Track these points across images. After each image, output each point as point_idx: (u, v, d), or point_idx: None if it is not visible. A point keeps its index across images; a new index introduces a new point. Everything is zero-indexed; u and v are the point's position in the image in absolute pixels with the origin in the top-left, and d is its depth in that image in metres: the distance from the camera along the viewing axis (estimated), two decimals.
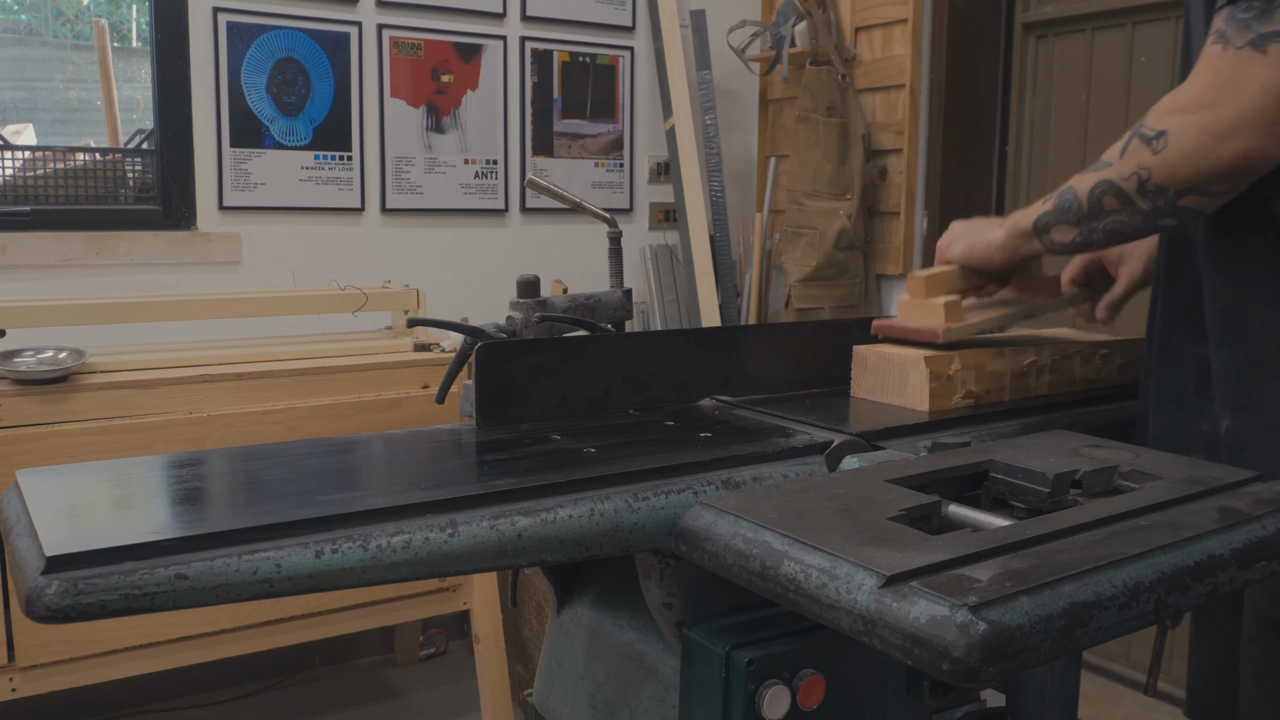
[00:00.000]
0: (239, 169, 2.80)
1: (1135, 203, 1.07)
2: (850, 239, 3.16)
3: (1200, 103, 1.00)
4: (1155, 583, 0.74)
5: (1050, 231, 1.19)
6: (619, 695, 1.06)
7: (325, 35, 2.88)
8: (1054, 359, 1.36)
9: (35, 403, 2.01)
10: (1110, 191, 1.10)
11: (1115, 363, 1.43)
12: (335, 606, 2.29)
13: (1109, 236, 1.13)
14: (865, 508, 0.83)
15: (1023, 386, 1.33)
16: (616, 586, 1.13)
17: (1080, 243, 1.17)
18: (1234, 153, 0.98)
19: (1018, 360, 1.32)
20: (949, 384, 1.24)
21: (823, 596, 0.72)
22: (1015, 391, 1.32)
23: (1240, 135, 0.97)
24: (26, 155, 2.66)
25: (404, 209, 3.04)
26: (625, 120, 3.37)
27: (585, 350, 1.20)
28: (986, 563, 0.73)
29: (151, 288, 2.68)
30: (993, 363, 1.29)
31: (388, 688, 2.91)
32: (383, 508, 0.82)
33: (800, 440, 1.08)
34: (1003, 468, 0.93)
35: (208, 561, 0.74)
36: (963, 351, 1.26)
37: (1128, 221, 1.09)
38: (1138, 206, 1.07)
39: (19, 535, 0.77)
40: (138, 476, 0.95)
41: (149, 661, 2.14)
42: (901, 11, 3.08)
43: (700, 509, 0.85)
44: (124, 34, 3.33)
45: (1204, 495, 0.88)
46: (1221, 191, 1.02)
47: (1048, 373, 1.35)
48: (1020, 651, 0.66)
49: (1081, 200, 1.13)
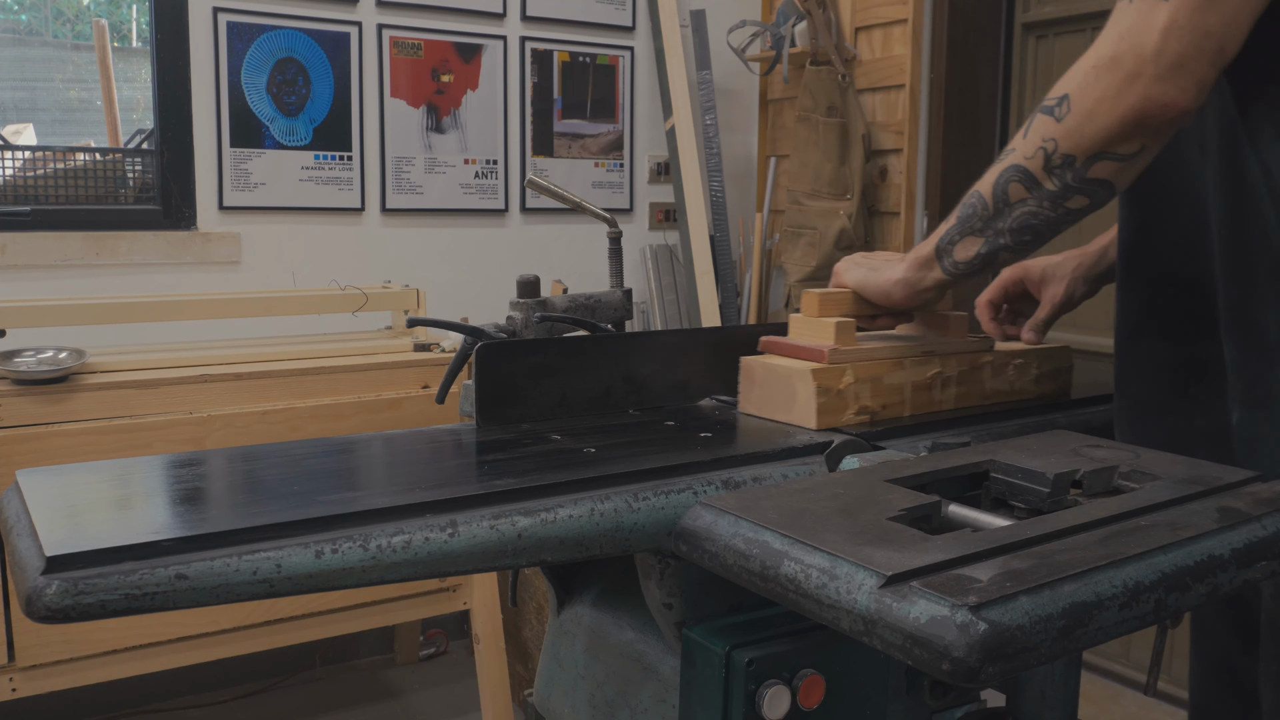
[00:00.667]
0: (239, 169, 2.80)
1: (1042, 184, 0.98)
2: (850, 239, 3.16)
3: (1102, 58, 0.93)
4: (1155, 583, 0.74)
5: (953, 250, 1.08)
6: (619, 695, 1.06)
7: (325, 35, 2.88)
8: (961, 370, 1.26)
9: (35, 403, 2.01)
10: (1016, 177, 1.00)
11: (1031, 374, 1.33)
12: (335, 606, 2.29)
13: (1017, 238, 1.03)
14: (865, 508, 0.83)
15: (926, 400, 1.23)
16: (616, 586, 1.13)
17: (986, 254, 1.06)
18: (1137, 100, 0.91)
19: (920, 372, 1.22)
20: (839, 399, 1.15)
21: (823, 596, 0.72)
22: (917, 406, 1.22)
23: (1140, 80, 0.90)
24: (26, 155, 2.66)
25: (404, 209, 3.04)
26: (625, 120, 3.37)
27: (585, 350, 1.20)
28: (986, 563, 0.73)
29: (151, 288, 2.68)
30: (891, 375, 1.19)
31: (388, 688, 2.91)
32: (383, 508, 0.82)
33: (800, 440, 1.08)
34: (1003, 468, 0.93)
35: (208, 561, 0.74)
36: (857, 364, 1.17)
37: (1035, 210, 1.00)
38: (1045, 188, 0.98)
39: (19, 535, 0.77)
40: (138, 476, 0.95)
41: (149, 661, 2.14)
42: (901, 11, 3.08)
43: (700, 509, 0.85)
44: (124, 34, 3.33)
45: (1204, 495, 0.88)
46: (1131, 153, 0.94)
47: (954, 385, 1.25)
48: (1020, 651, 0.66)
49: (986, 199, 1.04)
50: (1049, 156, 0.97)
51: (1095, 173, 0.96)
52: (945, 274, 1.10)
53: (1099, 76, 0.93)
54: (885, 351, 1.19)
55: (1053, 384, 1.36)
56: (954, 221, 1.07)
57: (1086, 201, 0.99)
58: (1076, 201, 0.98)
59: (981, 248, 1.06)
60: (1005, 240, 1.04)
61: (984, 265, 1.08)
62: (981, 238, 1.05)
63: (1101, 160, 0.95)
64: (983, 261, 1.07)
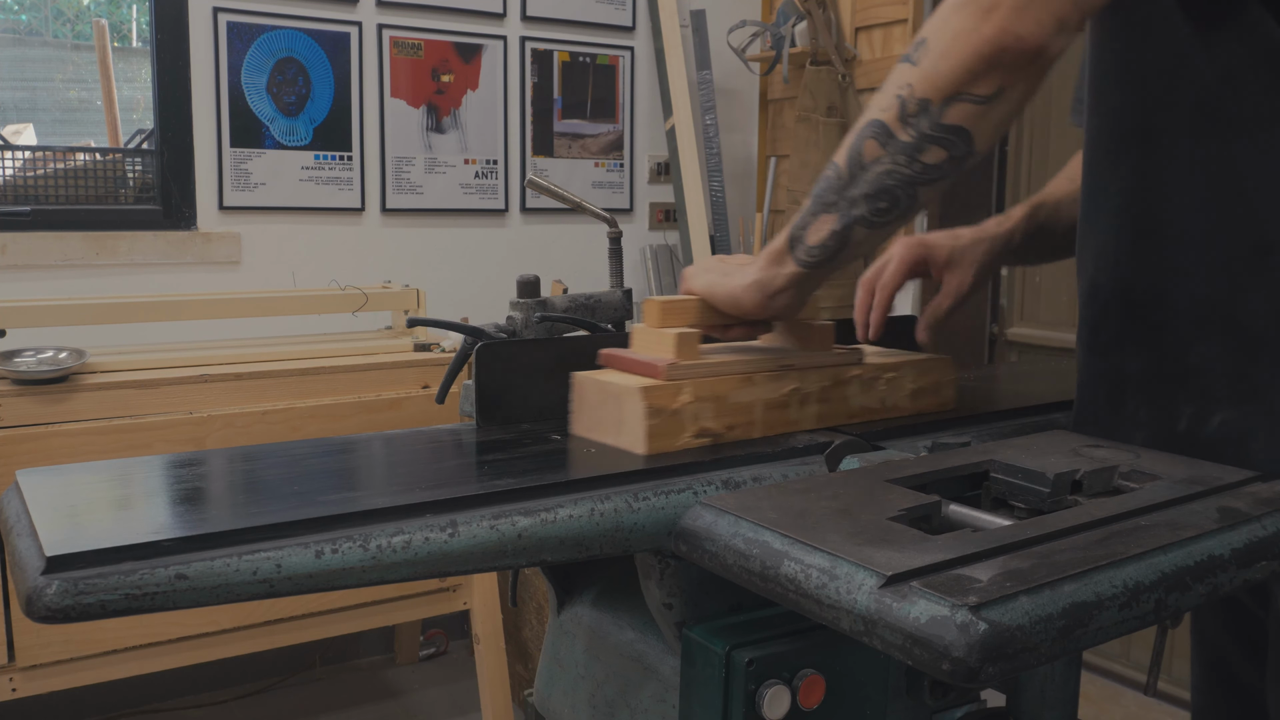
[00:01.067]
0: (239, 169, 2.80)
1: (897, 135, 0.89)
2: None
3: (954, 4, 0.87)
4: (1155, 583, 0.74)
5: (806, 236, 0.96)
6: (619, 695, 1.06)
7: (325, 35, 2.88)
8: (823, 385, 1.12)
9: (35, 403, 2.01)
10: (871, 133, 0.90)
11: (906, 388, 1.19)
12: (335, 606, 2.29)
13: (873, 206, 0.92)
14: (865, 508, 0.83)
15: (781, 420, 1.09)
16: (616, 586, 1.13)
17: (840, 231, 0.93)
18: (992, 32, 0.84)
19: (774, 389, 1.08)
20: (674, 420, 1.02)
21: (823, 596, 0.72)
22: (771, 426, 1.09)
23: (997, 12, 0.84)
24: (26, 155, 2.66)
25: (404, 209, 3.04)
26: (625, 120, 3.37)
27: (585, 350, 1.20)
28: (986, 563, 0.73)
29: (151, 288, 2.68)
30: (738, 392, 1.06)
31: (388, 688, 2.91)
32: (383, 508, 0.82)
33: (800, 440, 1.08)
34: (1003, 468, 0.93)
35: (208, 561, 0.74)
36: (698, 381, 1.03)
37: (891, 168, 0.90)
38: (900, 140, 0.89)
39: (19, 535, 0.77)
40: (138, 476, 0.95)
41: (149, 661, 2.14)
42: (901, 11, 3.09)
43: (700, 509, 0.85)
44: (124, 34, 3.33)
45: (1204, 495, 0.88)
46: (988, 95, 0.86)
47: (815, 402, 1.12)
48: (1020, 651, 0.66)
49: (841, 166, 0.92)
50: (904, 104, 0.88)
51: (951, 117, 0.88)
52: (799, 266, 0.98)
53: (956, 12, 0.86)
54: (733, 366, 1.06)
55: (932, 399, 1.22)
56: (808, 202, 0.96)
57: (944, 155, 0.89)
58: (933, 154, 0.89)
59: (835, 224, 0.94)
60: (860, 211, 0.92)
61: (840, 247, 0.95)
62: (835, 213, 0.93)
63: (958, 102, 0.87)
64: (838, 242, 0.94)
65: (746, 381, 1.07)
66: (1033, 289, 3.21)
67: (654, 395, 1.01)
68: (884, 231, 0.94)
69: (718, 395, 1.05)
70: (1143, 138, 1.02)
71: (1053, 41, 0.85)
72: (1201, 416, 1.01)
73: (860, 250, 0.97)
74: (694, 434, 1.03)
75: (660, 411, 1.01)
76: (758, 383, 1.08)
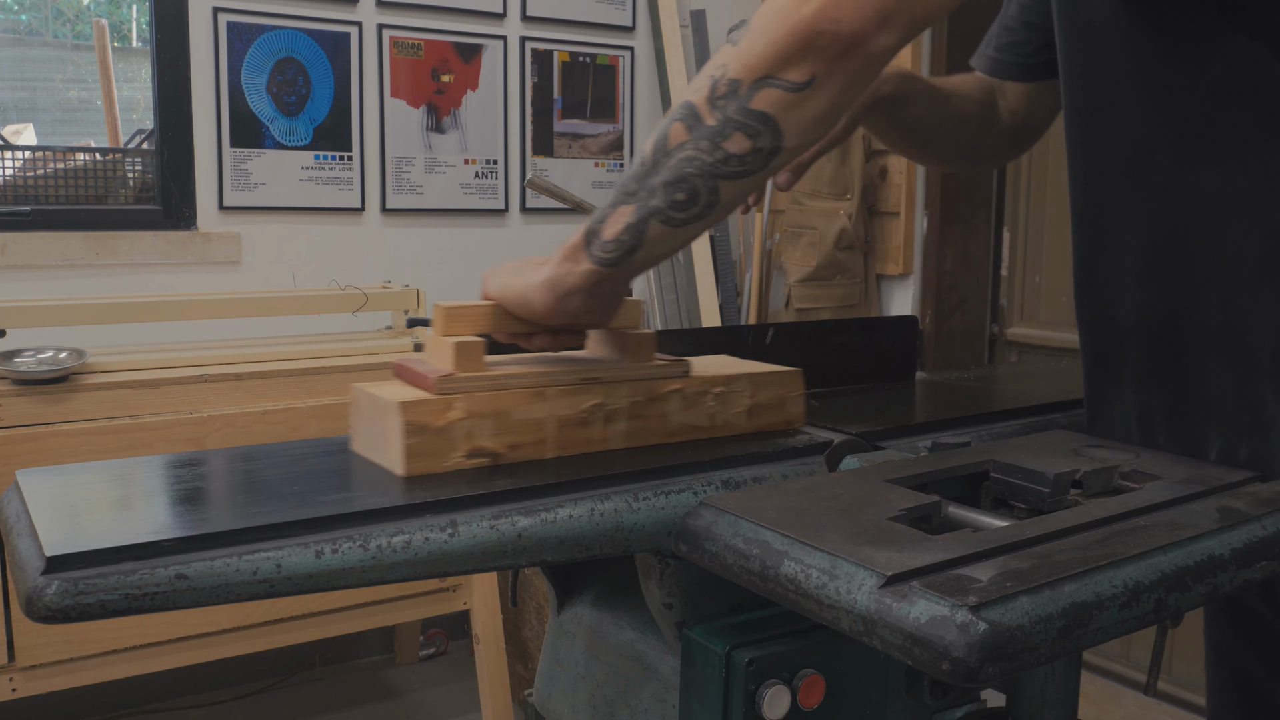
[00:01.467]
0: (239, 169, 2.80)
1: (703, 118, 0.82)
2: (850, 239, 3.16)
3: None
4: (1155, 583, 0.74)
5: (602, 229, 0.88)
6: (619, 695, 1.06)
7: (325, 35, 2.88)
8: (634, 401, 1.01)
9: (35, 403, 2.01)
10: (679, 115, 0.84)
11: (741, 404, 1.08)
12: (335, 606, 2.29)
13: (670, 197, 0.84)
14: (865, 508, 0.83)
15: (581, 439, 0.98)
16: (616, 586, 1.13)
17: (635, 224, 0.86)
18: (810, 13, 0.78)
19: (571, 404, 0.97)
20: (442, 438, 0.91)
21: (823, 596, 0.72)
22: (567, 445, 0.97)
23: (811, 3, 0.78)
24: (26, 155, 2.66)
25: (404, 209, 3.04)
26: (625, 120, 3.37)
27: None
28: (986, 563, 0.73)
29: (151, 288, 2.68)
30: (525, 408, 0.95)
31: (388, 688, 2.91)
32: (383, 508, 0.82)
33: (800, 440, 1.08)
34: (1003, 468, 0.93)
35: (208, 561, 0.74)
36: (475, 395, 0.93)
37: (693, 154, 0.82)
38: (705, 124, 0.82)
39: (19, 535, 0.77)
40: (138, 476, 0.95)
41: (149, 661, 2.14)
42: None
43: (700, 509, 0.85)
44: (124, 34, 3.33)
45: (1204, 495, 0.88)
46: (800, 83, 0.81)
47: (624, 419, 1.00)
48: (1020, 651, 0.66)
49: (647, 153, 0.85)
50: (715, 85, 0.82)
51: (759, 102, 0.81)
52: (594, 264, 0.89)
53: None
54: (521, 379, 0.96)
55: (776, 416, 1.10)
56: (613, 191, 0.88)
57: (749, 144, 0.82)
58: (736, 142, 0.82)
59: (631, 216, 0.86)
60: (657, 201, 0.85)
61: (635, 244, 0.87)
62: (634, 204, 0.86)
63: (767, 86, 0.80)
64: (632, 236, 0.86)
65: (536, 396, 0.96)
66: (1032, 289, 3.21)
67: (415, 411, 0.90)
68: (683, 231, 0.87)
69: (499, 411, 0.94)
70: (1177, 155, 0.98)
71: (874, 34, 0.80)
72: (1229, 449, 0.99)
73: (657, 250, 0.88)
74: (466, 454, 0.93)
75: (422, 429, 0.90)
76: (551, 398, 0.96)
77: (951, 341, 3.23)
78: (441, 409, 0.91)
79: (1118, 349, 1.07)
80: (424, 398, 0.92)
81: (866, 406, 1.29)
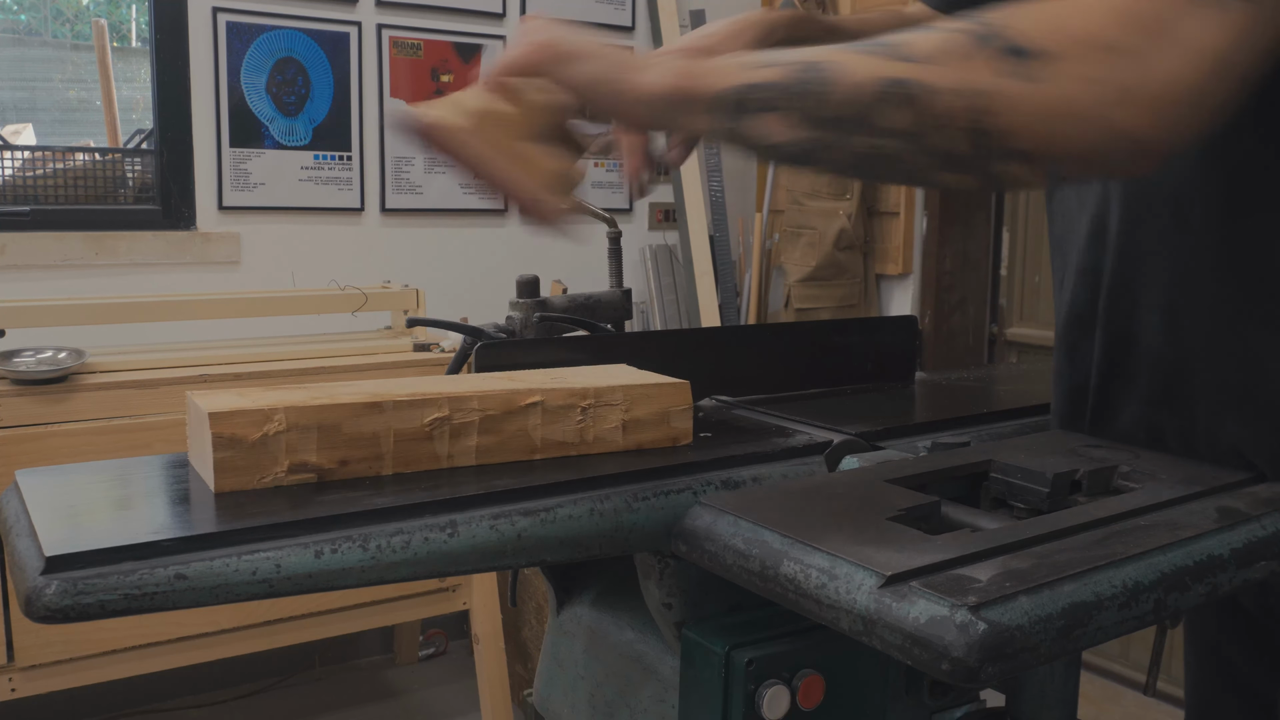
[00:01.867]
0: (238, 169, 2.80)
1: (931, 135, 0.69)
2: (850, 239, 3.16)
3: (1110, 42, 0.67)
4: (1155, 583, 0.74)
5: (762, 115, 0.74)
6: (619, 695, 1.06)
7: (325, 35, 2.88)
8: (487, 415, 0.93)
9: (35, 403, 2.01)
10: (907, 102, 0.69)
11: (615, 420, 0.99)
12: (335, 606, 2.29)
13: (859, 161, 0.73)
14: (865, 508, 0.83)
15: (425, 455, 0.91)
16: (616, 586, 1.13)
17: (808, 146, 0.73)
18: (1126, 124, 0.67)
19: (412, 418, 0.90)
20: (259, 452, 0.84)
21: (822, 596, 0.72)
22: (407, 461, 0.90)
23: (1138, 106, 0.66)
24: (26, 155, 2.66)
25: (404, 209, 3.04)
26: None
27: (585, 350, 1.20)
28: (986, 563, 0.73)
29: (151, 288, 2.68)
30: (355, 422, 0.87)
31: (388, 688, 2.91)
32: (383, 508, 0.82)
33: (800, 440, 1.08)
34: (1002, 468, 0.93)
35: (207, 561, 0.74)
36: (299, 408, 0.86)
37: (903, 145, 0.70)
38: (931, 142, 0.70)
39: (19, 535, 0.77)
40: (138, 476, 0.95)
41: (149, 661, 2.14)
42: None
43: (700, 509, 0.85)
44: (124, 34, 3.33)
45: (1203, 495, 0.88)
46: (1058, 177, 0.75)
47: (474, 434, 0.93)
48: (1020, 651, 0.66)
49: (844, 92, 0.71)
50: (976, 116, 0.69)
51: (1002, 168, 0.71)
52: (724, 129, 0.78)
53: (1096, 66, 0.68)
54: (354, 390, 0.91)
55: (658, 432, 1.01)
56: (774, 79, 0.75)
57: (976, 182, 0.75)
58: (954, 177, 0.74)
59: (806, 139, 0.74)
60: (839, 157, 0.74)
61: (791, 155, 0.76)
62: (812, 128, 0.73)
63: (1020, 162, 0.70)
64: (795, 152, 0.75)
65: (370, 409, 0.88)
66: (1032, 289, 3.21)
67: (231, 420, 0.83)
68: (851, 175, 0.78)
69: (325, 424, 0.87)
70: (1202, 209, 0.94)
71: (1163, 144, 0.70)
72: None
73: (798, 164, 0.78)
74: (288, 469, 0.86)
75: (237, 442, 0.83)
76: (388, 410, 0.89)
77: (951, 341, 3.23)
78: (260, 421, 0.84)
79: (1128, 399, 1.04)
80: (236, 409, 0.85)
81: (866, 406, 1.29)
